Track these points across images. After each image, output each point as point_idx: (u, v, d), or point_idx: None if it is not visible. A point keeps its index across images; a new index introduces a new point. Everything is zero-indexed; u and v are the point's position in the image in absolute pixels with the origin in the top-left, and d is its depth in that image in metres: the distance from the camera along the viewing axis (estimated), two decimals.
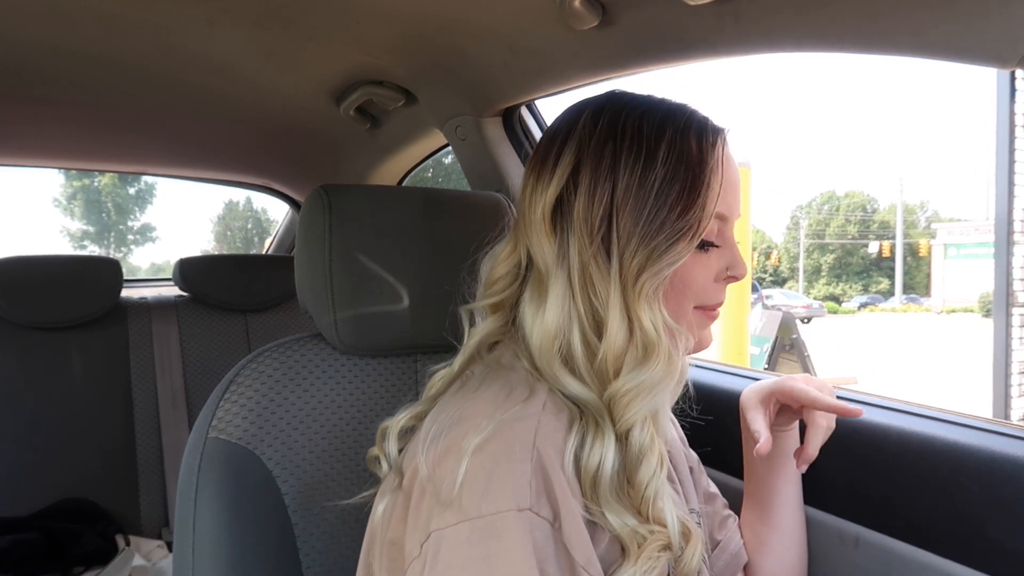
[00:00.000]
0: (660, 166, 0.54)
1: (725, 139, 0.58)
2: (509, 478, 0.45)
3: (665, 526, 0.51)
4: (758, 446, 0.66)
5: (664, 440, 0.57)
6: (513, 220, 0.63)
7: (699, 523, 0.70)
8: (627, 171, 0.54)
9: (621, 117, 0.56)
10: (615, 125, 0.56)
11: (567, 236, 0.55)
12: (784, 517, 0.75)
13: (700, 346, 0.62)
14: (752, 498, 0.77)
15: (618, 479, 0.51)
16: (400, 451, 0.56)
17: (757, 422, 0.69)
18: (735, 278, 0.62)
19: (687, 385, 0.62)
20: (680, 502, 0.55)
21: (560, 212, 0.55)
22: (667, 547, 0.51)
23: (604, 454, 0.50)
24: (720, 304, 0.62)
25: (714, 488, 0.78)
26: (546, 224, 0.55)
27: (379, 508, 0.54)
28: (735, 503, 0.80)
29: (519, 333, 0.58)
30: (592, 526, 0.49)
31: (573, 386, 0.53)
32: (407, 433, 0.57)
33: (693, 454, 0.78)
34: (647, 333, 0.53)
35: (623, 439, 0.53)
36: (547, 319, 0.54)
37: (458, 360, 0.59)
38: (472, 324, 0.61)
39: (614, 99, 0.59)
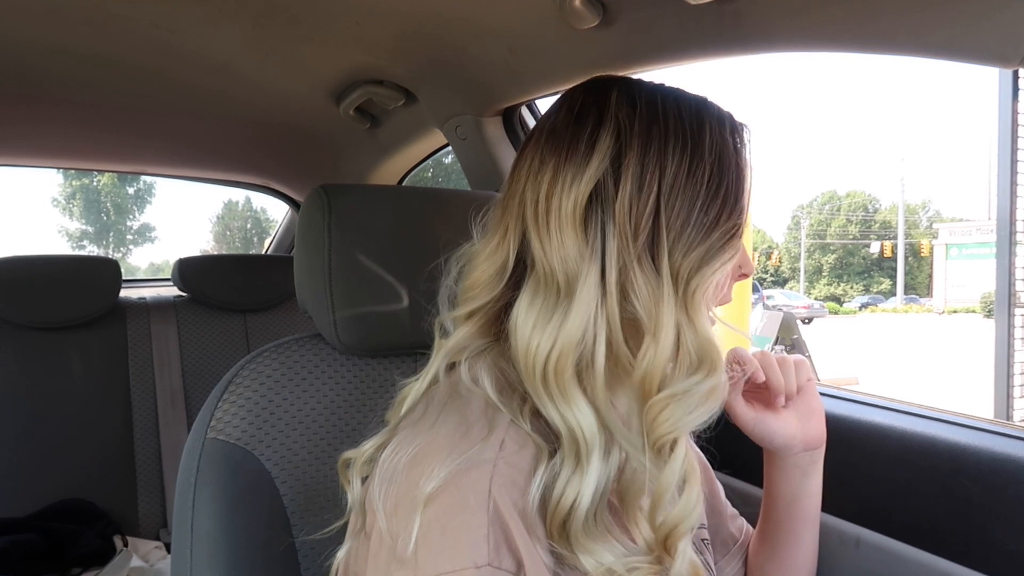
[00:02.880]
0: (708, 156, 0.50)
1: (749, 135, 0.56)
2: (464, 532, 0.42)
3: (669, 563, 0.47)
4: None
5: None
6: (496, 211, 0.56)
7: (704, 540, 0.68)
8: (675, 159, 0.49)
9: (657, 100, 0.51)
10: (655, 108, 0.51)
11: (602, 231, 0.48)
12: (798, 562, 0.71)
13: None
14: (766, 539, 0.73)
15: (597, 518, 0.47)
16: (366, 479, 0.52)
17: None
18: (745, 275, 0.60)
19: None
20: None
21: (597, 203, 0.49)
22: None
23: (582, 492, 0.45)
24: (727, 303, 0.60)
25: (721, 493, 0.77)
26: (577, 217, 0.48)
27: (341, 551, 0.52)
28: (745, 511, 0.79)
29: (487, 345, 0.53)
30: (558, 573, 0.46)
31: (579, 406, 0.47)
32: (371, 462, 0.53)
33: (698, 451, 0.76)
34: (704, 338, 0.48)
35: (664, 457, 0.47)
36: (570, 325, 0.47)
37: (425, 377, 0.55)
38: (444, 335, 0.56)
39: (639, 81, 0.54)
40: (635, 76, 0.58)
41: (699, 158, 0.50)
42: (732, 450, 0.86)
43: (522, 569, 0.43)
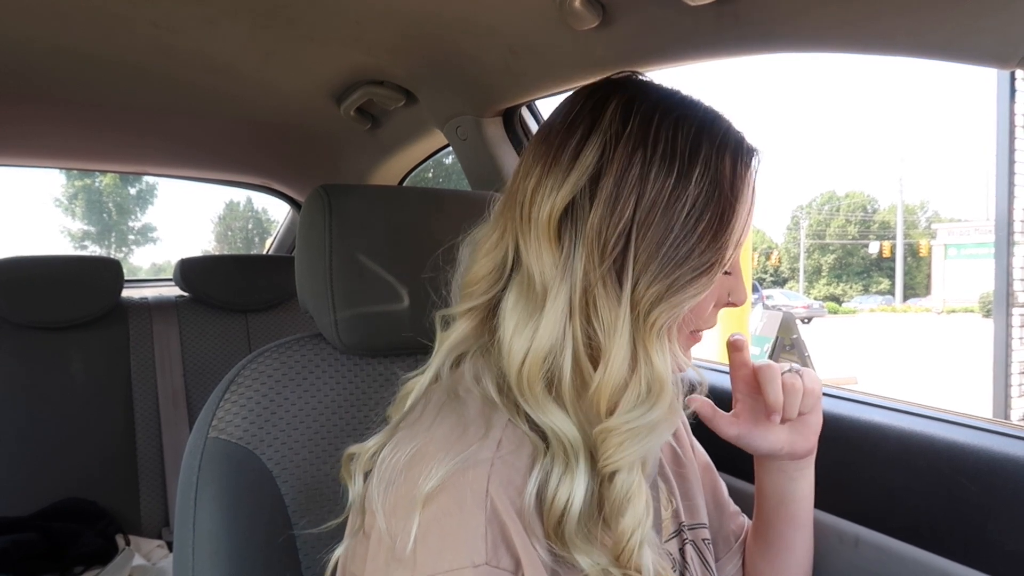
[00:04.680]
0: (693, 186, 0.48)
1: (758, 162, 0.53)
2: (462, 532, 0.43)
3: (641, 573, 0.48)
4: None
5: (652, 478, 0.53)
6: (498, 205, 0.56)
7: (705, 540, 0.68)
8: (656, 186, 0.47)
9: (655, 119, 0.49)
10: (647, 127, 0.49)
11: (574, 248, 0.48)
12: (790, 562, 0.71)
13: (679, 369, 0.56)
14: (759, 538, 0.73)
15: (589, 518, 0.47)
16: (367, 474, 0.52)
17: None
18: (734, 304, 0.59)
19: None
20: (658, 542, 0.51)
21: (570, 218, 0.48)
22: None
23: (573, 492, 0.46)
24: (711, 327, 0.58)
25: (724, 492, 0.77)
26: (551, 229, 0.48)
27: (339, 549, 0.52)
28: (741, 506, 0.79)
29: (489, 343, 0.53)
30: (556, 570, 0.46)
31: (554, 415, 0.48)
32: (376, 457, 0.53)
33: (703, 453, 0.77)
34: (656, 372, 0.48)
35: (607, 481, 0.48)
36: (540, 336, 0.48)
37: (428, 372, 0.55)
38: (445, 328, 0.56)
39: (644, 91, 0.52)
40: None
41: (682, 188, 0.48)
42: (732, 450, 0.86)
43: (520, 568, 0.43)
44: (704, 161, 0.49)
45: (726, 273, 0.55)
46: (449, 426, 0.48)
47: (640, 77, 0.55)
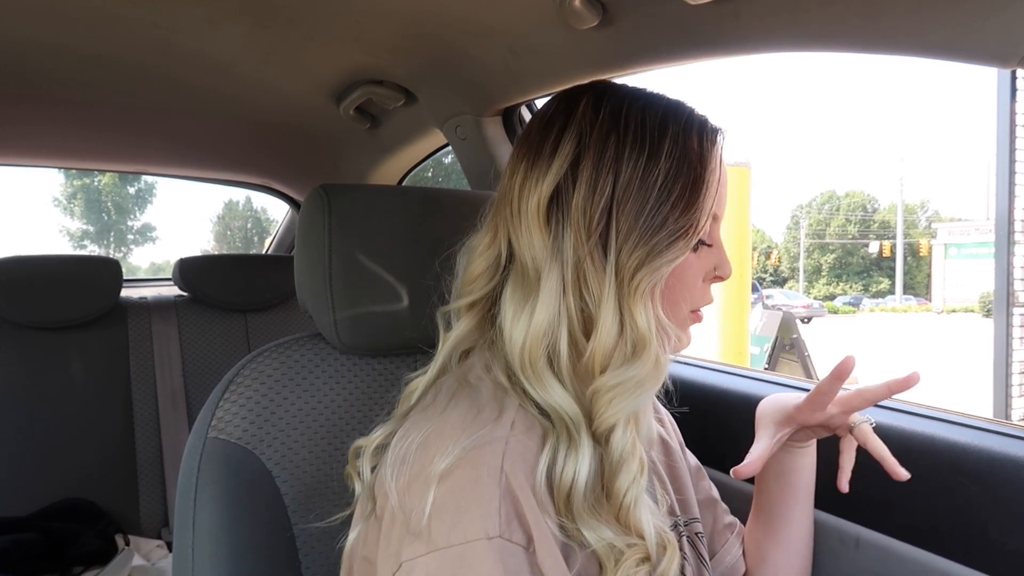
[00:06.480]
0: (664, 161, 0.53)
1: (723, 139, 0.57)
2: (477, 506, 0.44)
3: (643, 536, 0.50)
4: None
5: (649, 443, 0.56)
6: (490, 210, 0.60)
7: (698, 534, 0.69)
8: (630, 164, 0.52)
9: (623, 108, 0.54)
10: (617, 116, 0.54)
11: (562, 230, 0.53)
12: (791, 536, 0.72)
13: (680, 347, 0.60)
14: (760, 513, 0.75)
15: (593, 491, 0.50)
16: (374, 469, 0.54)
17: (759, 447, 0.67)
18: (721, 278, 0.62)
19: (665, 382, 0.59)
20: (656, 510, 0.53)
21: (556, 204, 0.53)
22: (645, 559, 0.50)
23: (578, 468, 0.49)
24: (708, 304, 0.61)
25: (715, 493, 0.78)
26: (540, 216, 0.53)
27: (351, 535, 0.54)
28: (737, 506, 0.79)
29: (495, 335, 0.56)
30: (567, 545, 0.48)
31: (554, 391, 0.51)
32: (381, 449, 0.55)
33: (692, 457, 0.78)
34: (639, 330, 0.52)
35: (603, 442, 0.51)
36: (537, 317, 0.52)
37: (433, 368, 0.58)
38: (448, 327, 0.59)
39: (612, 89, 0.57)
40: (631, 77, 0.59)
41: (654, 164, 0.52)
42: (725, 449, 0.86)
43: (532, 544, 0.45)
44: (672, 138, 0.54)
45: (708, 246, 0.58)
46: (464, 409, 0.51)
47: (610, 82, 0.60)
